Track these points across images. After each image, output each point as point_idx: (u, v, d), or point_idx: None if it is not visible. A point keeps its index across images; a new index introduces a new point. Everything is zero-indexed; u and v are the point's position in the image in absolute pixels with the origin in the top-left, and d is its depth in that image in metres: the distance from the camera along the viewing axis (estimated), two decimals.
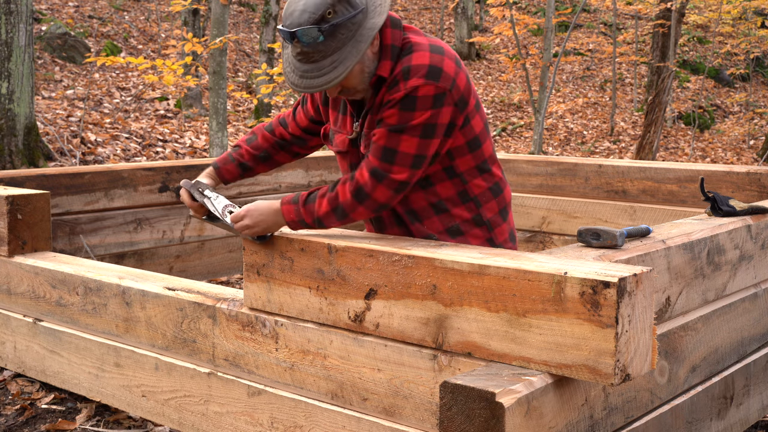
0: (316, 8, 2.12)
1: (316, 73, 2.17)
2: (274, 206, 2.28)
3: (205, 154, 7.95)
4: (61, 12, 13.02)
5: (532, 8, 19.09)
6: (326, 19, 2.13)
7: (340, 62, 2.15)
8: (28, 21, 6.54)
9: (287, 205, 2.27)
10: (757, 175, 4.02)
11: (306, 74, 2.19)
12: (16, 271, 3.10)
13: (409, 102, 2.19)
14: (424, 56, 2.21)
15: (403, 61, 2.22)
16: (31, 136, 6.63)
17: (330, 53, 2.16)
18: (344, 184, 2.26)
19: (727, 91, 16.52)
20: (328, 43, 2.15)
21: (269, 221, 2.28)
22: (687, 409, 2.31)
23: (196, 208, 2.51)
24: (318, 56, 2.16)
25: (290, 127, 2.65)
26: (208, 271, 4.52)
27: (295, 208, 2.26)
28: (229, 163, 2.65)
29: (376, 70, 2.26)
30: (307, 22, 2.13)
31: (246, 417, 2.44)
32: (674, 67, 10.82)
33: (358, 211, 2.26)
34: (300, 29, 2.13)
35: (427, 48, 2.24)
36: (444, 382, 1.73)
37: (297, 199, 2.28)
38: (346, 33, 2.15)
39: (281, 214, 2.27)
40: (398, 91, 2.19)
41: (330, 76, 2.16)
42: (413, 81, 2.19)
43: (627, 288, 1.75)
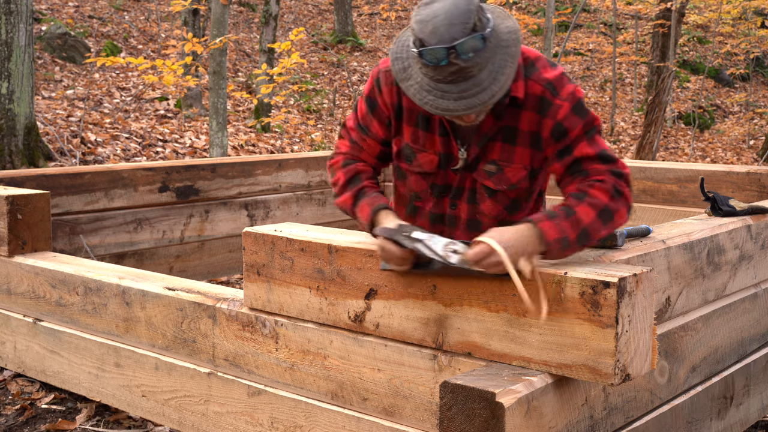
0: (466, 17, 1.89)
1: (476, 89, 1.92)
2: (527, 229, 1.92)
3: (205, 154, 7.95)
4: (61, 12, 13.02)
5: (532, 8, 19.09)
6: (477, 27, 1.91)
7: (499, 72, 1.93)
8: (28, 21, 6.54)
9: (546, 222, 1.93)
10: (757, 175, 4.02)
11: (464, 93, 1.92)
12: (16, 271, 3.10)
13: (579, 106, 2.08)
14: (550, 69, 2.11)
15: (534, 77, 2.09)
16: (31, 136, 6.63)
17: (486, 65, 1.93)
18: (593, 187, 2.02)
19: (727, 91, 16.53)
20: (484, 53, 1.92)
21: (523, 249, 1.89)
22: (687, 409, 2.31)
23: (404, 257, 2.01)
24: (476, 70, 1.92)
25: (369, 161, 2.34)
26: (208, 271, 4.52)
27: (557, 224, 1.93)
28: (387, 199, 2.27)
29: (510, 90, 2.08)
30: (464, 33, 1.88)
31: (246, 417, 2.44)
32: (674, 67, 10.82)
33: (620, 213, 2.03)
34: (459, 42, 1.87)
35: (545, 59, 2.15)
36: (444, 382, 1.73)
37: (553, 215, 1.96)
38: (494, 41, 1.95)
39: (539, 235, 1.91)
40: (560, 107, 2.07)
41: (493, 88, 1.92)
42: (567, 89, 2.08)
43: (627, 288, 1.75)
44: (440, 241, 1.95)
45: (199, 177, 4.44)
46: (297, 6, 17.42)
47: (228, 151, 7.47)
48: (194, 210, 4.42)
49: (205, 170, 4.47)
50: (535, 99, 2.09)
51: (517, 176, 2.19)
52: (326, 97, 12.29)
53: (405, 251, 1.98)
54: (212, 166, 4.52)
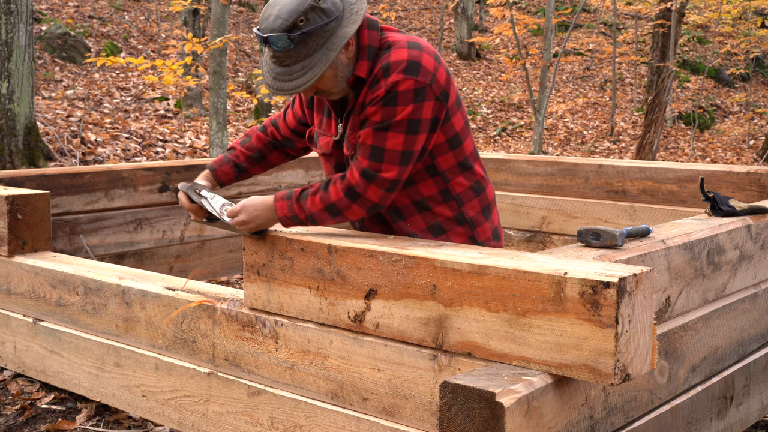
0: (289, 15, 2.17)
1: (287, 77, 2.23)
2: (269, 202, 2.31)
3: (205, 154, 7.95)
4: (61, 12, 13.02)
5: (532, 8, 19.09)
6: (298, 26, 2.18)
7: (310, 68, 2.20)
8: (28, 21, 6.54)
9: (280, 201, 2.30)
10: (757, 175, 4.03)
11: (278, 77, 2.25)
12: (16, 271, 3.10)
13: (391, 98, 2.22)
14: (402, 52, 2.25)
15: (381, 59, 2.27)
16: (31, 136, 6.63)
17: (301, 59, 2.21)
18: (335, 183, 2.29)
19: (727, 91, 16.53)
20: (299, 49, 2.20)
21: (264, 216, 2.30)
22: (687, 409, 2.31)
23: (195, 210, 2.51)
24: (289, 61, 2.22)
25: (281, 128, 2.68)
26: (208, 271, 4.52)
27: (288, 204, 2.29)
28: (225, 164, 2.68)
29: (354, 71, 2.30)
30: (279, 29, 2.18)
31: (246, 417, 2.44)
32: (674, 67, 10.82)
33: (352, 210, 2.29)
34: (272, 35, 2.18)
35: (405, 44, 2.27)
36: (444, 382, 1.73)
37: (290, 195, 2.30)
38: (318, 40, 2.20)
39: (275, 210, 2.30)
40: (379, 89, 2.23)
41: (299, 81, 2.21)
42: (393, 77, 2.22)
43: (627, 288, 1.75)
44: (220, 201, 2.43)
45: None
46: None
47: None
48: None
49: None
50: (373, 77, 2.27)
51: None
52: None
53: (194, 206, 2.48)
54: None
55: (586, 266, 1.86)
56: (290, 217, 2.30)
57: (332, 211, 2.29)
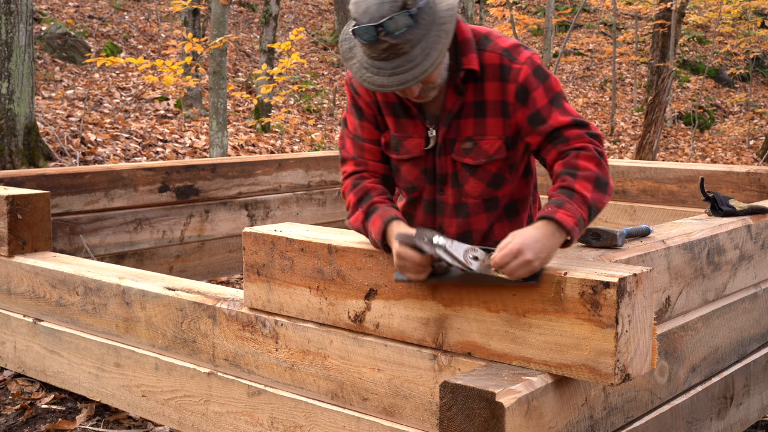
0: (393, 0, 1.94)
1: (409, 66, 1.97)
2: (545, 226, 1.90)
3: (205, 154, 7.95)
4: (61, 12, 13.02)
5: (532, 8, 19.09)
6: (408, 4, 1.95)
7: (432, 48, 1.97)
8: (28, 21, 6.54)
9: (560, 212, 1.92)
10: (757, 175, 4.02)
11: (397, 70, 1.97)
12: (16, 271, 3.10)
13: (539, 72, 2.12)
14: (505, 38, 2.17)
15: (490, 48, 2.13)
16: (31, 136, 6.63)
17: (418, 41, 1.97)
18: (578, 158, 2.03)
19: (727, 91, 16.53)
20: (416, 30, 1.96)
21: (550, 245, 1.88)
22: (687, 409, 2.31)
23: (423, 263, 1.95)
24: (407, 46, 1.96)
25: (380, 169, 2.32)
26: (208, 271, 4.52)
27: (568, 208, 1.93)
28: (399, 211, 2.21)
29: (462, 64, 2.12)
30: (392, 11, 1.93)
31: (246, 417, 2.44)
32: (674, 67, 10.82)
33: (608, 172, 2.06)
34: (387, 20, 1.92)
35: (497, 32, 2.20)
36: (444, 382, 1.73)
37: (560, 202, 1.95)
38: (427, 18, 1.98)
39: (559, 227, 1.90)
40: (520, 70, 2.10)
41: (425, 64, 1.96)
42: (524, 54, 2.13)
43: (627, 288, 1.75)
44: (461, 247, 1.88)
45: (199, 177, 4.44)
46: (297, 6, 17.42)
47: (228, 151, 7.47)
48: (194, 210, 4.42)
49: (205, 170, 4.47)
50: (494, 68, 2.12)
51: (494, 147, 2.19)
52: (326, 97, 12.30)
53: (424, 257, 1.93)
54: (212, 166, 4.52)
55: (586, 266, 1.86)
56: (577, 221, 1.93)
57: (601, 183, 2.01)
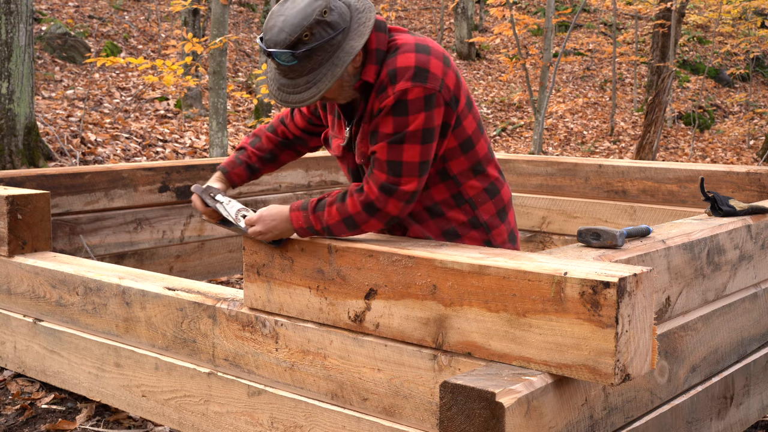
0: (293, 30, 2.09)
1: (292, 90, 2.17)
2: (284, 212, 2.26)
3: (205, 154, 7.95)
4: (61, 12, 13.02)
5: (532, 8, 19.09)
6: (303, 41, 2.09)
7: (314, 83, 2.13)
8: (28, 21, 6.54)
9: (296, 212, 2.24)
10: (757, 175, 4.03)
11: (283, 88, 2.19)
12: (16, 271, 3.10)
13: (401, 107, 2.15)
14: (410, 57, 2.16)
15: (388, 63, 2.18)
16: (31, 136, 6.63)
17: (306, 73, 2.14)
18: (352, 196, 2.22)
19: (727, 91, 16.52)
20: (304, 64, 2.13)
21: (280, 227, 2.25)
22: (687, 409, 2.31)
23: (210, 213, 2.46)
24: (294, 74, 2.15)
25: (290, 128, 2.63)
26: (208, 271, 4.52)
27: (304, 215, 2.23)
28: (237, 166, 2.63)
29: (362, 75, 2.22)
30: (282, 44, 2.10)
31: (246, 417, 2.44)
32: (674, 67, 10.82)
33: (370, 224, 2.22)
34: (275, 51, 2.11)
35: (412, 48, 2.19)
36: (444, 382, 1.73)
37: (306, 206, 2.24)
38: (323, 54, 2.12)
39: (290, 221, 2.25)
40: (387, 97, 2.15)
41: (303, 95, 2.15)
42: (401, 85, 2.13)
43: (627, 288, 1.75)
44: (235, 207, 2.39)
45: (199, 177, 4.44)
46: None
47: (228, 151, 7.48)
48: (194, 210, 4.42)
49: (205, 170, 4.47)
50: (380, 82, 2.19)
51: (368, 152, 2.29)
52: None
53: (208, 209, 2.45)
54: (212, 166, 4.52)
55: (586, 266, 1.86)
56: (306, 228, 2.23)
57: (350, 224, 2.22)
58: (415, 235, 2.39)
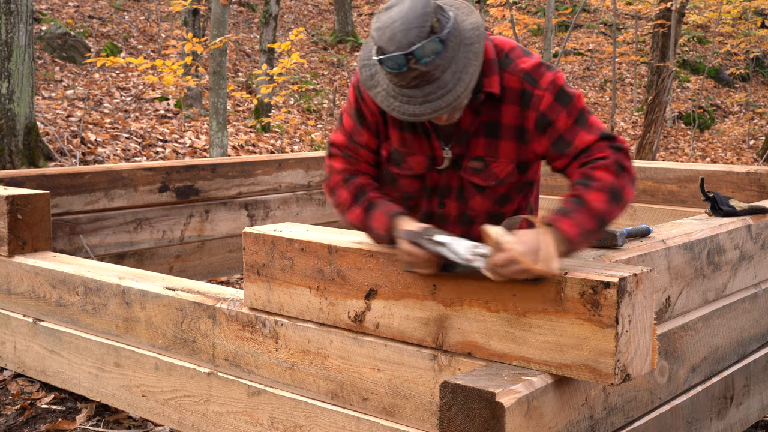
0: (423, 20, 1.87)
1: (441, 92, 1.90)
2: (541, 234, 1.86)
3: (205, 154, 7.95)
4: (61, 12, 13.02)
5: (532, 8, 19.08)
6: (435, 29, 1.88)
7: (462, 71, 1.91)
8: (28, 21, 6.53)
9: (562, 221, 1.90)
10: (757, 175, 4.02)
11: (429, 97, 1.90)
12: (16, 271, 3.10)
13: (562, 95, 2.05)
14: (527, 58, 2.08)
15: (510, 69, 2.06)
16: (31, 136, 6.63)
17: (448, 66, 1.90)
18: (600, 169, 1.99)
19: (727, 91, 16.52)
20: (445, 54, 1.89)
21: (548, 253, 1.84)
22: (687, 409, 2.31)
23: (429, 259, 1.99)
24: (438, 72, 1.89)
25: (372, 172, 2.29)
26: (208, 271, 4.52)
27: (572, 219, 1.91)
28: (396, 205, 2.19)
29: (483, 86, 2.04)
30: (420, 37, 1.85)
31: (246, 417, 2.44)
32: (674, 67, 10.82)
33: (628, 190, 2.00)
34: (417, 47, 1.84)
35: (519, 49, 2.12)
36: (444, 382, 1.73)
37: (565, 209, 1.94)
38: (455, 40, 1.91)
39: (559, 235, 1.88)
40: (542, 97, 2.04)
41: (457, 89, 1.90)
42: (546, 77, 2.05)
43: (627, 288, 1.75)
44: (464, 244, 1.91)
45: (199, 177, 4.44)
46: (297, 6, 17.42)
47: (228, 151, 7.47)
48: (194, 210, 4.42)
49: (205, 170, 4.47)
50: (514, 92, 2.06)
51: (505, 171, 2.16)
52: (326, 97, 12.30)
53: (429, 254, 1.96)
54: (212, 166, 4.52)
55: (586, 266, 1.86)
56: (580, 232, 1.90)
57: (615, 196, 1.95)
58: None
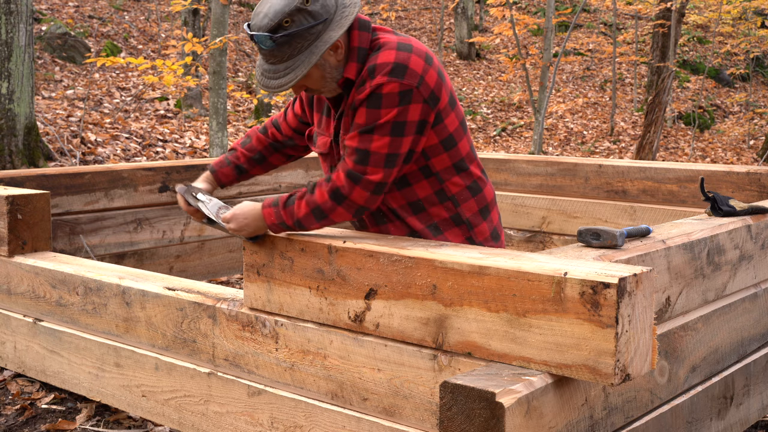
0: (275, 16, 2.19)
1: (272, 75, 2.26)
2: (257, 210, 2.30)
3: (205, 154, 7.95)
4: (61, 12, 13.02)
5: (532, 8, 19.09)
6: (282, 27, 2.19)
7: (292, 69, 2.23)
8: (28, 21, 6.53)
9: (268, 209, 2.29)
10: (757, 175, 4.03)
11: (265, 73, 2.28)
12: (16, 271, 3.10)
13: (375, 100, 2.22)
14: (390, 54, 2.24)
15: (369, 60, 2.27)
16: (31, 136, 6.63)
17: (285, 59, 2.23)
18: (321, 186, 2.28)
19: (727, 91, 16.52)
20: (283, 50, 2.22)
21: (254, 225, 2.30)
22: (687, 409, 2.31)
23: (194, 212, 2.53)
24: (274, 60, 2.24)
25: (282, 129, 2.69)
26: (208, 271, 4.52)
27: (275, 211, 2.27)
28: (225, 166, 2.70)
29: (344, 72, 2.31)
30: (264, 28, 2.20)
31: (246, 417, 2.44)
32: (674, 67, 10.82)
33: (337, 212, 2.27)
34: (257, 34, 2.21)
35: (394, 46, 2.26)
36: (444, 382, 1.73)
37: (277, 202, 2.29)
38: (302, 42, 2.21)
39: (263, 218, 2.29)
40: (364, 91, 2.23)
41: (282, 80, 2.25)
42: (378, 79, 2.21)
43: (627, 288, 1.75)
44: (216, 204, 2.47)
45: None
46: None
47: None
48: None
49: (205, 170, 4.47)
50: (360, 79, 2.27)
51: None
52: None
53: (191, 208, 2.50)
54: None
55: (586, 266, 1.86)
56: (278, 224, 2.28)
57: (317, 214, 2.26)
58: (396, 230, 2.44)
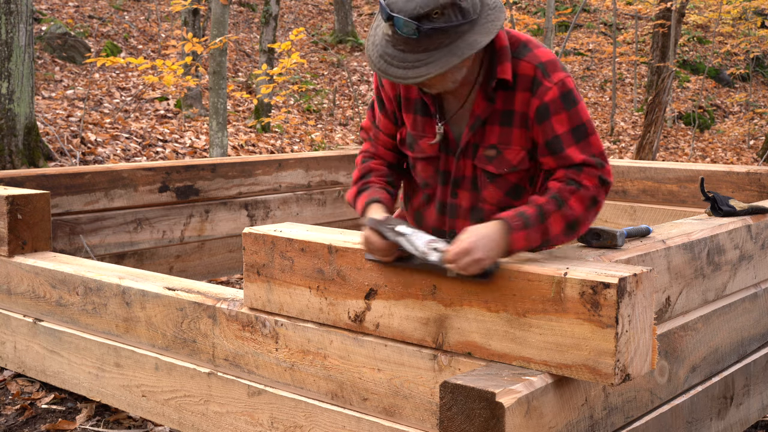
0: (426, 4, 1.93)
1: (397, 64, 1.98)
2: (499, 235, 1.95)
3: (205, 154, 7.95)
4: (61, 12, 13.02)
5: (532, 8, 19.08)
6: (431, 18, 1.94)
7: (425, 64, 1.96)
8: (28, 21, 6.53)
9: (518, 233, 1.98)
10: (757, 175, 4.02)
11: (386, 57, 2.00)
12: (16, 271, 3.10)
13: (568, 98, 2.10)
14: (543, 49, 2.15)
15: (527, 58, 2.12)
16: (31, 136, 6.63)
17: (419, 51, 1.96)
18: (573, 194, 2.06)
19: (727, 91, 16.52)
20: (421, 41, 1.95)
21: (495, 255, 1.93)
22: (687, 409, 2.31)
23: (386, 248, 2.05)
24: (406, 48, 1.97)
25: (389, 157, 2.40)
26: (208, 271, 4.52)
27: (526, 235, 1.99)
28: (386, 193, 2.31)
29: (496, 73, 2.12)
30: (409, 13, 1.93)
31: (246, 417, 2.44)
32: (674, 67, 10.83)
33: (588, 223, 2.11)
34: (399, 18, 1.93)
35: (538, 42, 2.19)
36: (444, 382, 1.73)
37: (528, 223, 1.99)
38: (445, 39, 1.96)
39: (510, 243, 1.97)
40: (549, 90, 2.09)
41: (409, 72, 1.97)
42: (557, 75, 2.10)
43: (627, 288, 1.75)
44: (423, 238, 1.97)
45: (199, 177, 4.44)
46: (297, 6, 17.42)
47: (228, 151, 7.47)
48: (194, 210, 4.42)
49: (205, 170, 4.47)
50: (526, 79, 2.12)
51: (517, 158, 2.19)
52: (326, 97, 12.30)
53: (387, 243, 2.02)
54: (212, 166, 4.52)
55: (586, 266, 1.86)
56: (524, 248, 2.01)
57: (571, 227, 2.06)
58: None
